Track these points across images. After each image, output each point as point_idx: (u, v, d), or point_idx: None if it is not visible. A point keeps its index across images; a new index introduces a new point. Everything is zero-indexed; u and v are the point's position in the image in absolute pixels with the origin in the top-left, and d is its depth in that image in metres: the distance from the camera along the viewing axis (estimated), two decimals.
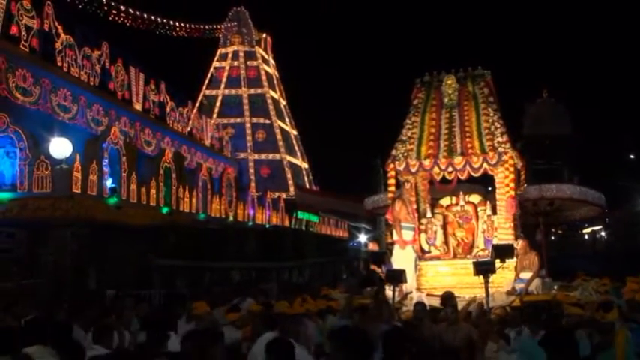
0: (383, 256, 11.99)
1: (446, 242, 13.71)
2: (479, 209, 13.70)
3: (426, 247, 13.60)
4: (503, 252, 10.95)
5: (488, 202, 13.56)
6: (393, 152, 13.61)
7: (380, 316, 7.28)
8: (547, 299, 10.03)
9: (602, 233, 47.43)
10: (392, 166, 13.50)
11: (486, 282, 9.90)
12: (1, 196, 18.47)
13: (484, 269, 10.21)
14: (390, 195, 13.74)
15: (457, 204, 13.96)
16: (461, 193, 13.94)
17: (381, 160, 19.84)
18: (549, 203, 15.37)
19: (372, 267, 13.45)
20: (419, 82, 14.59)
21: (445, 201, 14.20)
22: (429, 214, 13.82)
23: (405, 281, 11.20)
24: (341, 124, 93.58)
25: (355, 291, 11.88)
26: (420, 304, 9.02)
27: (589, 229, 47.88)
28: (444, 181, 13.78)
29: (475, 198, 13.94)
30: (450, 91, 13.90)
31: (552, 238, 19.76)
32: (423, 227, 13.68)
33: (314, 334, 7.43)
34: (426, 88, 14.49)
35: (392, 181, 13.70)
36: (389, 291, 10.98)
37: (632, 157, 50.56)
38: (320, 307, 9.55)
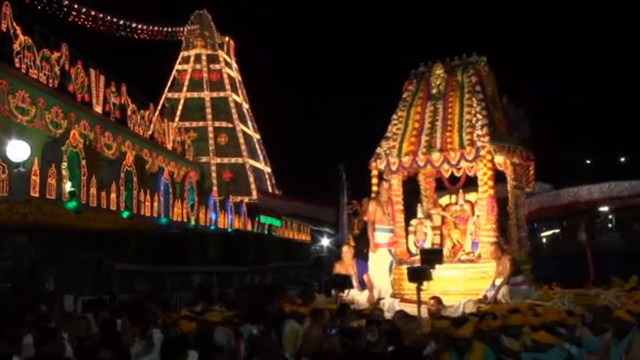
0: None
1: (441, 244, 12.43)
2: (476, 208, 12.41)
3: (413, 249, 12.45)
4: (430, 257, 10.09)
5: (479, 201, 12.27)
6: (377, 150, 12.56)
7: None
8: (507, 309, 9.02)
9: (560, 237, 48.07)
10: (374, 164, 12.46)
11: (419, 290, 9.26)
12: None
13: (418, 276, 9.45)
14: (373, 195, 12.45)
15: (456, 203, 12.85)
16: (460, 191, 12.83)
17: (344, 164, 19.71)
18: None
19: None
20: (412, 74, 13.19)
21: (444, 200, 13.17)
22: (419, 215, 12.74)
23: (351, 287, 10.46)
24: (304, 127, 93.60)
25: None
26: (401, 312, 8.60)
27: (549, 232, 48.40)
28: (453, 179, 12.85)
29: (473, 196, 12.54)
30: (437, 82, 12.60)
31: None
32: (412, 229, 12.67)
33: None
34: (418, 80, 13.07)
35: (374, 181, 12.49)
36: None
37: (588, 162, 51.73)
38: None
